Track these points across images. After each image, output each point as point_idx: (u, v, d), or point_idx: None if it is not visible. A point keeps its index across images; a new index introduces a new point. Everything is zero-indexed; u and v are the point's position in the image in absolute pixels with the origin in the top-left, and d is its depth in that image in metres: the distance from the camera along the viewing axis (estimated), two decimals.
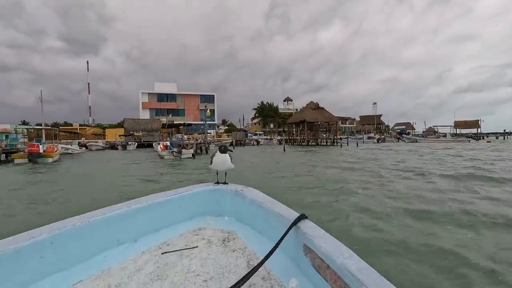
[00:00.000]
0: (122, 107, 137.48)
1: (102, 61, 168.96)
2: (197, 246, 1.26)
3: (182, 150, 15.81)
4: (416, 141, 42.62)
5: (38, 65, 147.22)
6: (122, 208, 1.29)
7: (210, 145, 25.93)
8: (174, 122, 38.62)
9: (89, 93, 70.17)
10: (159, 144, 19.84)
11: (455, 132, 51.43)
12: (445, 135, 51.35)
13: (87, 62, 71.95)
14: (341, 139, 36.39)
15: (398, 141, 47.96)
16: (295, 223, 1.08)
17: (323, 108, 41.08)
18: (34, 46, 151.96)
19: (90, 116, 69.01)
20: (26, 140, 34.28)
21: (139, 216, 1.34)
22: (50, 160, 14.21)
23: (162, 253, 1.19)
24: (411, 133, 59.91)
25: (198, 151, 22.89)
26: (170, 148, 15.89)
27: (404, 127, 75.43)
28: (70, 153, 23.79)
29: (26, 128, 35.27)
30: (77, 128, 48.49)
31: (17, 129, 35.52)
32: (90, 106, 69.56)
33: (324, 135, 41.88)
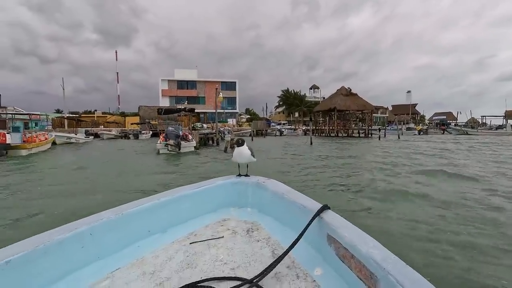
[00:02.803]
0: (150, 95, 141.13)
1: (133, 52, 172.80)
2: (222, 237, 1.28)
3: (182, 142, 12.55)
4: (467, 134, 36.05)
5: (75, 57, 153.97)
6: (152, 201, 1.32)
7: (225, 136, 22.61)
8: (193, 109, 36.30)
9: (118, 82, 71.14)
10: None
11: (505, 123, 43.81)
12: (501, 126, 43.54)
13: (116, 52, 72.86)
14: (379, 130, 31.47)
15: (443, 133, 41.64)
16: (318, 213, 1.09)
17: (356, 94, 35.66)
18: (72, 39, 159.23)
19: (119, 104, 70.30)
20: (50, 127, 34.23)
21: (168, 208, 1.37)
22: (24, 152, 11.66)
23: (190, 243, 1.22)
24: (454, 124, 52.33)
25: (210, 142, 19.71)
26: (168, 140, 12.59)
27: (445, 117, 67.24)
28: (74, 142, 21.81)
29: (43, 115, 34.95)
30: (94, 116, 47.78)
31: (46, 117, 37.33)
32: (119, 95, 70.63)
33: (354, 125, 36.73)
